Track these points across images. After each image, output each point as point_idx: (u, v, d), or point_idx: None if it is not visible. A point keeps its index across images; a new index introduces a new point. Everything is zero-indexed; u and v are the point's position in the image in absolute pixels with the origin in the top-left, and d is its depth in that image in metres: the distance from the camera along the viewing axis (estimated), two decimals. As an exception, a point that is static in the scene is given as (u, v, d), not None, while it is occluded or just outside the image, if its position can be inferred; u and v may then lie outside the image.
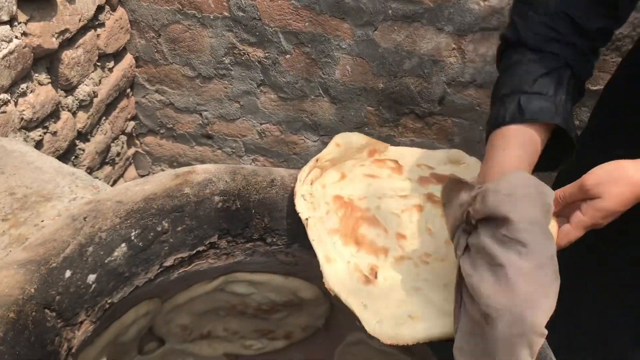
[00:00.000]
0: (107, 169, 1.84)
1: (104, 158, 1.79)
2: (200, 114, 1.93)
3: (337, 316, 1.05)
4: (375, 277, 0.80)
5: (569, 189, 0.69)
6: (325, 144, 1.84)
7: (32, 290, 0.64)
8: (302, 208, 0.84)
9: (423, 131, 1.72)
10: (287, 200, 0.87)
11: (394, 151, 1.04)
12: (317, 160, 0.91)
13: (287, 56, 1.70)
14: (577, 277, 0.89)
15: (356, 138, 0.99)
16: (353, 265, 0.81)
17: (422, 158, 1.02)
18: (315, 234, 0.83)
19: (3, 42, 1.16)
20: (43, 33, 1.29)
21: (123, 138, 1.92)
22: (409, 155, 1.03)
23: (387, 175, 0.97)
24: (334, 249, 0.83)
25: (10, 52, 1.19)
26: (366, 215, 0.89)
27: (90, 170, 1.68)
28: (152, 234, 0.77)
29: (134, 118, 1.99)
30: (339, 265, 0.80)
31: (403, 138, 1.75)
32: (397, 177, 0.98)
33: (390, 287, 0.79)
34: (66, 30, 1.39)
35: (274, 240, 0.88)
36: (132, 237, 0.75)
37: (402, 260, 0.84)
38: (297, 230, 0.86)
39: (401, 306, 0.75)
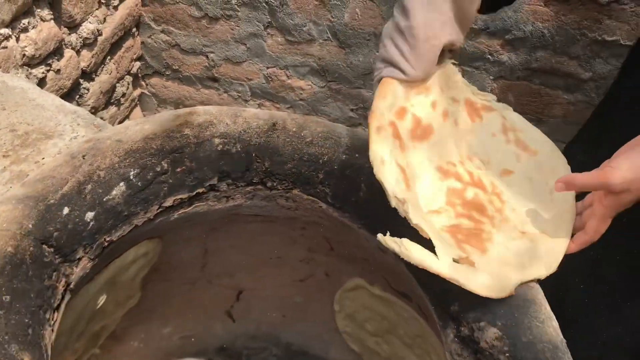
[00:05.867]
0: (113, 109, 1.83)
1: (109, 98, 1.77)
2: (207, 56, 1.90)
3: (337, 263, 1.06)
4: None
5: (587, 180, 0.65)
6: (332, 91, 1.83)
7: (30, 225, 0.64)
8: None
9: (432, 79, 1.68)
10: (288, 145, 0.86)
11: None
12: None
13: (296, -2, 1.66)
14: None
15: None
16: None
17: None
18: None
19: (3, -25, 1.14)
20: (44, -34, 1.25)
21: (129, 78, 1.90)
22: None
23: None
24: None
25: (11, -14, 1.16)
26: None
27: (95, 110, 1.67)
28: (151, 173, 0.76)
29: (139, 58, 1.96)
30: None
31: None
32: None
33: None
34: (69, -36, 1.35)
35: (274, 184, 0.87)
36: (131, 177, 0.75)
37: None
38: (297, 175, 0.85)
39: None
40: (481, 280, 0.64)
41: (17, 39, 1.23)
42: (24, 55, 1.25)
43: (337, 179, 0.85)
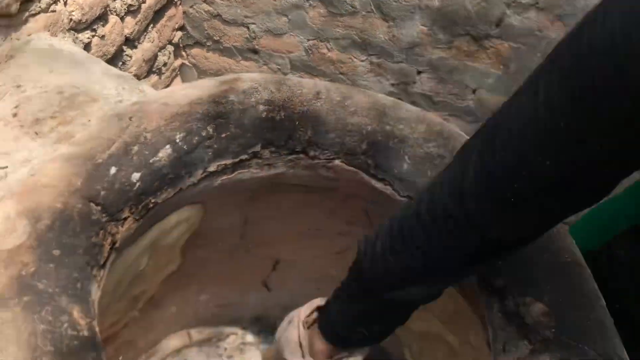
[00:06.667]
0: (154, 78, 1.84)
1: (150, 67, 1.78)
2: (248, 27, 1.89)
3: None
4: None
5: None
6: (373, 64, 1.80)
7: (78, 183, 0.65)
8: None
9: (477, 55, 1.64)
10: (331, 114, 0.85)
11: None
12: None
13: (340, -31, 1.63)
14: None
15: None
16: None
17: None
18: None
19: (53, -61, 1.14)
20: None
21: (170, 48, 1.91)
22: None
23: None
24: None
25: (60, -50, 1.17)
26: None
27: (137, 78, 1.68)
28: (196, 138, 0.77)
29: (181, 28, 1.96)
30: None
31: (456, 61, 1.68)
32: None
33: None
34: None
35: (317, 154, 0.86)
36: (177, 140, 0.75)
37: None
38: (340, 145, 0.84)
39: None
40: None
41: (65, 3, 1.24)
42: (71, 19, 1.26)
43: (380, 150, 0.84)
